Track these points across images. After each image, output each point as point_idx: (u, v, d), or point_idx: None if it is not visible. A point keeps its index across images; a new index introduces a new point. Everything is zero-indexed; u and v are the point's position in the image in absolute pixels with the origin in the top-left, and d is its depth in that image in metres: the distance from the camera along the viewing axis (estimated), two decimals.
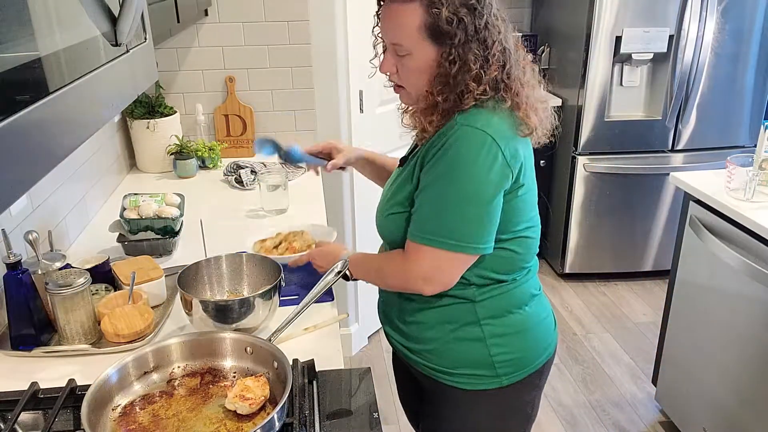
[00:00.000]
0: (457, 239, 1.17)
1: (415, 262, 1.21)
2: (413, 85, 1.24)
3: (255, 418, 1.07)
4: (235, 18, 2.44)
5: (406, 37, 1.17)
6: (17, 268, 1.27)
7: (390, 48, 1.23)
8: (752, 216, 1.89)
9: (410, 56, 1.19)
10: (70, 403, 1.13)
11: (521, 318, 1.29)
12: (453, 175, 1.15)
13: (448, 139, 1.15)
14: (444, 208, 1.16)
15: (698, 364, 2.23)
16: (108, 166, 2.22)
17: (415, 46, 1.18)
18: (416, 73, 1.21)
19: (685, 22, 3.08)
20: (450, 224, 1.16)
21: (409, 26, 1.16)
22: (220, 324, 1.28)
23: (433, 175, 1.17)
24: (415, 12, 1.15)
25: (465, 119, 1.16)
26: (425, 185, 1.19)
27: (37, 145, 0.61)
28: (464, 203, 1.15)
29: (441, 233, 1.17)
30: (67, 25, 0.70)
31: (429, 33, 1.15)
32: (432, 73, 1.20)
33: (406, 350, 1.37)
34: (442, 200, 1.16)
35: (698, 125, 3.32)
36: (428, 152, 1.19)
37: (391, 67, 1.24)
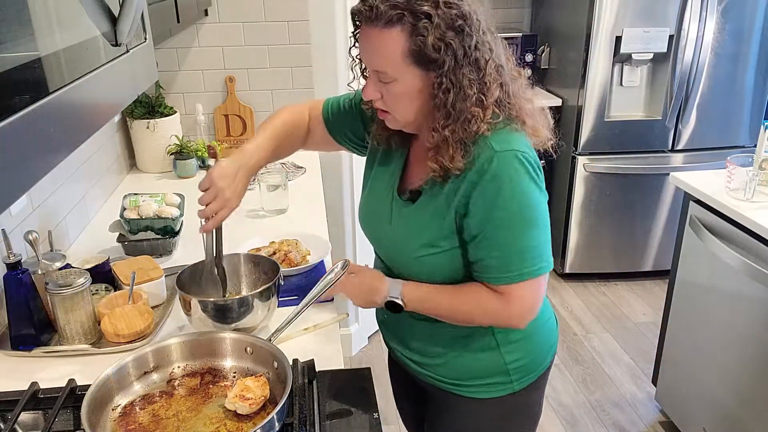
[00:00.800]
0: (542, 261, 1.13)
1: (518, 300, 1.15)
2: (400, 112, 1.15)
3: (255, 418, 1.07)
4: (235, 18, 2.44)
5: (389, 64, 1.08)
6: (17, 268, 1.27)
7: (373, 73, 1.13)
8: (752, 216, 1.89)
9: (396, 83, 1.10)
10: (70, 403, 1.13)
11: (532, 321, 1.27)
12: (513, 209, 1.09)
13: (492, 170, 1.08)
14: (521, 241, 1.11)
15: (698, 364, 2.23)
16: (108, 166, 2.22)
17: (400, 73, 1.08)
18: (403, 99, 1.12)
19: (685, 22, 3.08)
20: (533, 251, 1.12)
21: (392, 53, 1.06)
22: (220, 324, 1.28)
23: (495, 219, 1.10)
24: (398, 37, 1.05)
25: (498, 144, 1.09)
26: (487, 231, 1.11)
27: (37, 145, 0.61)
28: (533, 226, 1.12)
29: (530, 264, 1.12)
30: (67, 25, 0.70)
31: (414, 60, 1.06)
32: (422, 98, 1.11)
33: (413, 363, 1.34)
34: (515, 235, 1.11)
35: (698, 125, 3.32)
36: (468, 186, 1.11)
37: (374, 94, 1.14)
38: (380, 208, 1.28)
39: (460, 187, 1.12)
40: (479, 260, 1.15)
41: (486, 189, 1.09)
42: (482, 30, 1.08)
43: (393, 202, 1.25)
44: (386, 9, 1.03)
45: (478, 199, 1.10)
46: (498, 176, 1.08)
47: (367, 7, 1.06)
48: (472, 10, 1.07)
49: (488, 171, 1.08)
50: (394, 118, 1.16)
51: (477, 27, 1.07)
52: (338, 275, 1.32)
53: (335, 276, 1.30)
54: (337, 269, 1.35)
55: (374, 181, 1.33)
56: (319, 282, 1.32)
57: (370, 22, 1.06)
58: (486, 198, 1.09)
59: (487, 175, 1.08)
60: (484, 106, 1.09)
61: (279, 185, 2.02)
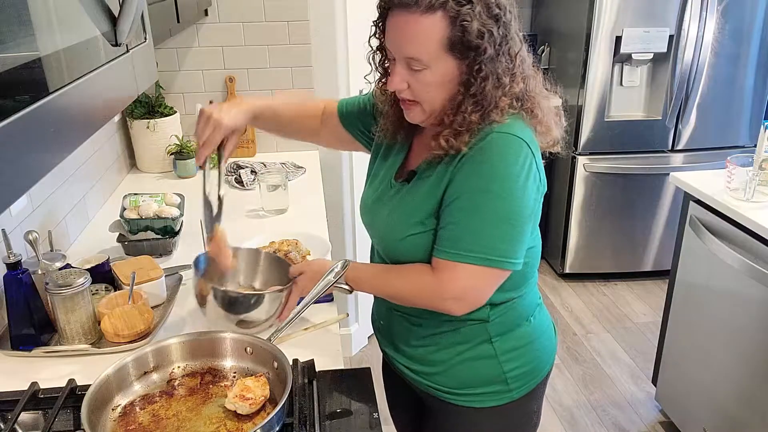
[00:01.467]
0: (496, 255, 1.09)
1: (450, 281, 1.12)
2: (429, 101, 1.12)
3: (255, 418, 1.07)
4: (235, 18, 2.44)
5: (425, 51, 1.05)
6: (17, 268, 1.27)
7: (402, 61, 1.10)
8: (752, 216, 1.89)
9: (427, 70, 1.07)
10: (70, 403, 1.13)
11: (529, 329, 1.27)
12: (491, 190, 1.07)
13: (485, 144, 1.07)
14: (482, 224, 1.08)
15: (698, 363, 2.23)
16: (108, 166, 2.22)
17: (434, 61, 1.06)
18: (434, 87, 1.10)
19: (685, 22, 3.08)
20: (489, 240, 1.09)
21: (431, 39, 1.04)
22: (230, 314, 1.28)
23: (468, 188, 1.09)
24: (438, 24, 1.03)
25: (504, 127, 1.09)
26: (457, 197, 1.10)
27: (37, 145, 0.61)
28: (504, 220, 1.08)
29: (479, 249, 1.09)
30: (67, 25, 0.70)
31: (453, 47, 1.04)
32: (452, 87, 1.09)
33: (409, 371, 1.32)
34: (481, 215, 1.08)
35: (698, 125, 3.32)
36: (459, 160, 1.10)
37: (402, 83, 1.11)
38: (380, 197, 1.28)
39: (452, 162, 1.11)
40: (439, 229, 1.13)
41: (473, 158, 1.08)
42: (513, 20, 1.08)
43: (390, 188, 1.26)
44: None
45: (462, 169, 1.09)
46: (488, 150, 1.07)
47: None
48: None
49: (480, 144, 1.08)
50: (421, 108, 1.14)
51: (509, 18, 1.07)
52: (338, 275, 1.32)
53: (335, 276, 1.29)
54: (337, 269, 1.35)
55: (375, 175, 1.33)
56: (319, 282, 1.32)
57: (408, 8, 1.04)
58: (470, 167, 1.08)
59: (477, 147, 1.08)
60: (510, 95, 1.09)
61: (279, 185, 2.02)
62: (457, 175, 1.10)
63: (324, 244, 1.72)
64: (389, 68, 1.16)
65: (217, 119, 1.25)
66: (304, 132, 1.49)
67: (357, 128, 1.42)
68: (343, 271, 1.28)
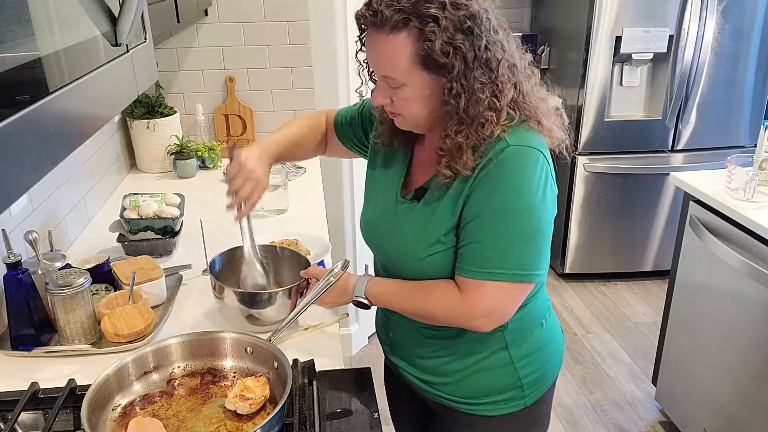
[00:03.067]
0: (523, 270, 1.07)
1: (479, 300, 1.09)
2: (411, 116, 1.11)
3: (255, 418, 1.07)
4: (235, 18, 2.44)
5: (397, 70, 1.04)
6: (17, 268, 1.27)
7: (381, 79, 1.10)
8: (752, 216, 1.89)
9: (405, 87, 1.06)
10: (70, 403, 1.13)
11: (542, 333, 1.25)
12: (513, 208, 1.05)
13: (502, 159, 1.04)
14: (507, 242, 1.06)
15: (698, 364, 2.23)
16: (108, 166, 2.22)
17: (408, 79, 1.05)
18: (414, 103, 1.08)
19: (685, 22, 3.08)
20: (515, 257, 1.07)
21: (400, 58, 1.02)
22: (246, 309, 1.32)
23: (490, 207, 1.06)
24: (405, 43, 1.01)
25: (514, 139, 1.06)
26: (479, 215, 1.07)
27: (37, 145, 0.61)
28: (529, 235, 1.06)
29: (506, 266, 1.07)
30: (67, 25, 0.70)
31: (423, 65, 1.02)
32: (432, 102, 1.07)
33: (419, 382, 1.29)
34: (505, 233, 1.06)
35: (698, 125, 3.32)
36: (477, 177, 1.07)
37: (384, 99, 1.11)
38: (384, 214, 1.24)
39: (469, 179, 1.08)
40: (460, 247, 1.10)
41: (491, 175, 1.05)
42: (493, 29, 1.04)
43: (397, 205, 1.21)
44: (391, 14, 0.99)
45: (482, 185, 1.06)
46: (507, 165, 1.04)
47: (371, 12, 1.02)
48: (482, 8, 1.02)
49: (498, 159, 1.04)
50: (404, 119, 1.13)
51: (487, 26, 1.02)
52: (338, 275, 1.32)
53: (335, 276, 1.29)
54: (337, 269, 1.35)
55: (376, 188, 1.29)
56: (319, 282, 1.32)
57: (376, 28, 1.03)
58: (489, 184, 1.05)
59: (496, 162, 1.04)
60: (498, 108, 1.05)
61: (279, 185, 2.02)
62: (475, 191, 1.07)
63: (324, 244, 1.72)
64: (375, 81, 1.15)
65: (259, 179, 1.23)
66: (313, 152, 1.48)
67: (351, 140, 1.41)
68: (342, 271, 1.28)
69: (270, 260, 1.46)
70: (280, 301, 1.31)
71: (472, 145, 1.06)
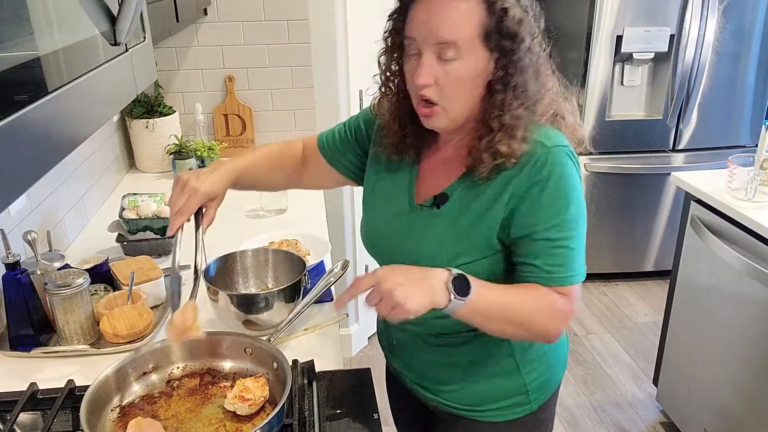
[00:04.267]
0: (584, 265, 1.08)
1: (572, 304, 1.06)
2: (454, 100, 1.03)
3: (254, 419, 1.06)
4: (234, 17, 2.44)
5: (462, 35, 0.97)
6: (16, 268, 1.27)
7: (431, 51, 1.00)
8: (753, 216, 1.89)
9: (459, 62, 0.99)
10: (69, 403, 1.12)
11: None
12: (573, 210, 1.03)
13: (549, 167, 1.02)
14: (577, 244, 1.05)
15: (699, 364, 2.22)
16: (107, 165, 2.22)
17: (469, 49, 0.98)
18: (464, 83, 1.01)
19: (686, 22, 3.08)
20: (582, 257, 1.07)
21: (468, 24, 0.97)
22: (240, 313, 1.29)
23: (557, 214, 1.03)
24: (475, 9, 0.97)
25: (547, 139, 1.04)
26: (553, 225, 1.03)
27: (36, 144, 0.61)
28: (583, 232, 1.07)
29: (581, 268, 1.07)
30: (66, 24, 0.69)
31: (488, 37, 0.98)
32: (479, 85, 1.02)
33: (423, 390, 1.26)
34: (574, 236, 1.05)
35: (699, 125, 3.32)
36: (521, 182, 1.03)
37: (429, 78, 1.00)
38: (395, 222, 1.17)
39: (511, 182, 1.03)
40: (536, 258, 1.04)
41: (547, 185, 1.02)
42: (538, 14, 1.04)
43: (411, 212, 1.15)
44: None
45: (536, 196, 1.02)
46: (563, 173, 1.02)
47: None
48: None
49: (545, 168, 1.02)
50: (443, 111, 1.04)
51: (536, 10, 1.03)
52: (338, 275, 1.32)
53: (335, 276, 1.29)
54: (337, 269, 1.35)
55: (381, 196, 1.23)
56: (319, 282, 1.32)
57: None
58: (546, 195, 1.02)
59: (545, 172, 1.02)
60: (548, 89, 1.05)
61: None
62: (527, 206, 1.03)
63: (324, 244, 1.72)
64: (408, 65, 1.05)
65: (193, 186, 1.12)
66: (286, 179, 1.37)
67: (340, 161, 1.31)
68: (342, 271, 1.27)
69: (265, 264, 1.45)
70: (276, 306, 1.30)
71: (529, 122, 1.03)
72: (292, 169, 1.35)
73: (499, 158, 1.02)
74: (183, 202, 1.12)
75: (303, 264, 1.37)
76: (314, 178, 1.37)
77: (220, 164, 1.20)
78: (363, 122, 1.28)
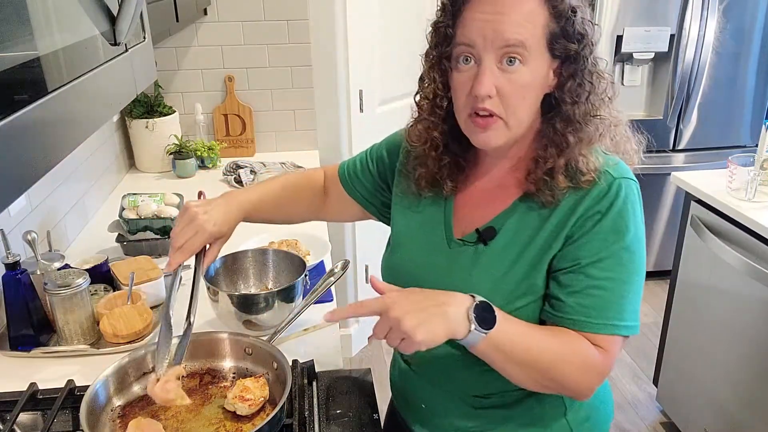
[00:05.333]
0: (635, 320, 0.94)
1: (610, 361, 0.92)
2: (516, 112, 0.92)
3: (254, 419, 1.06)
4: (234, 17, 2.44)
5: (530, 35, 0.88)
6: (16, 268, 1.27)
7: (494, 56, 0.89)
8: (754, 216, 1.88)
9: (524, 68, 0.89)
10: (68, 403, 1.12)
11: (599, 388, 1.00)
12: (631, 248, 0.92)
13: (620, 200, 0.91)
14: (628, 287, 0.93)
15: (699, 364, 2.22)
16: (107, 165, 2.22)
17: (536, 53, 0.89)
18: (527, 93, 0.91)
19: (686, 22, 3.08)
20: (633, 304, 0.93)
21: (535, 23, 0.88)
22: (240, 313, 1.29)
23: (610, 250, 0.91)
24: (540, 9, 0.88)
25: (614, 169, 0.94)
26: (599, 260, 0.91)
27: (36, 144, 0.61)
28: (640, 275, 0.94)
29: (628, 317, 0.93)
30: (66, 24, 0.69)
31: (552, 41, 0.90)
32: (540, 94, 0.93)
33: None
34: (626, 278, 0.92)
35: (699, 125, 3.32)
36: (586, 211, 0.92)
37: (491, 88, 0.89)
38: (430, 261, 1.04)
39: (577, 209, 0.93)
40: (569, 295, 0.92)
41: (605, 217, 0.91)
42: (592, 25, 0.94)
43: (451, 249, 1.02)
44: None
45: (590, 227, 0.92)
46: (624, 208, 0.92)
47: None
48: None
49: (607, 198, 0.92)
50: (504, 125, 0.93)
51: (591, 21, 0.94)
52: (338, 275, 1.32)
53: (335, 276, 1.29)
54: (337, 269, 1.35)
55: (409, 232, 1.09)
56: (319, 282, 1.32)
57: None
58: (601, 227, 0.91)
59: (606, 202, 0.91)
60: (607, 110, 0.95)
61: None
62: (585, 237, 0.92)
63: (324, 245, 1.72)
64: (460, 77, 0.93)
65: (200, 224, 1.03)
66: (306, 211, 1.27)
67: (361, 193, 1.20)
68: (342, 272, 1.27)
69: (265, 264, 1.45)
70: (276, 306, 1.30)
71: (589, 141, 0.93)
72: (310, 201, 1.25)
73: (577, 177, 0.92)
74: (187, 240, 1.03)
75: (303, 264, 1.37)
76: (335, 209, 1.26)
77: (231, 196, 1.12)
78: (386, 152, 1.17)
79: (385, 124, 2.69)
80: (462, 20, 0.92)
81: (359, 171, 1.20)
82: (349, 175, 1.21)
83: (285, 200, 1.22)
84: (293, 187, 1.23)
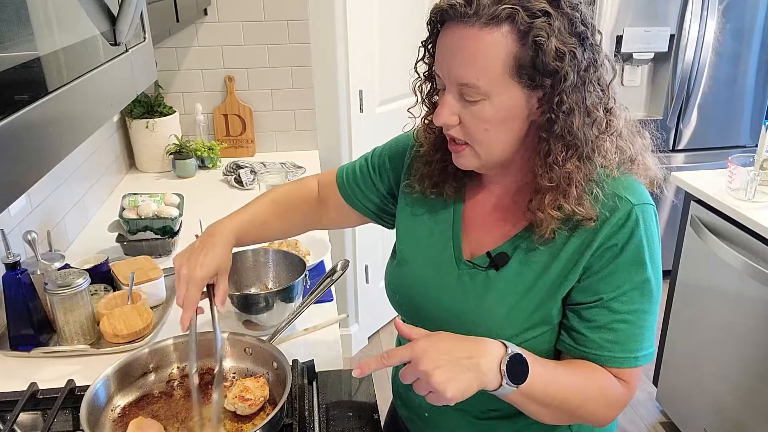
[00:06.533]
0: (652, 347, 0.93)
1: (632, 392, 0.93)
2: (485, 143, 0.89)
3: (254, 419, 1.06)
4: (234, 17, 2.44)
5: (484, 76, 0.83)
6: (16, 268, 1.27)
7: (453, 89, 0.87)
8: (753, 216, 1.89)
9: (485, 102, 0.85)
10: (69, 403, 1.12)
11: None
12: (651, 278, 0.90)
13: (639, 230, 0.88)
14: (649, 317, 0.91)
15: (699, 364, 2.22)
16: (107, 165, 2.22)
17: (495, 89, 0.84)
18: (493, 125, 0.87)
19: (686, 22, 3.08)
20: (651, 332, 0.92)
21: (492, 60, 0.82)
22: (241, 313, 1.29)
23: (632, 282, 0.89)
24: (503, 40, 0.81)
25: (630, 194, 0.89)
26: (622, 294, 0.89)
27: (36, 144, 0.61)
28: (655, 307, 0.92)
29: (648, 346, 0.92)
30: (66, 24, 0.69)
31: (521, 71, 0.83)
32: (516, 125, 0.87)
33: None
34: (647, 309, 0.90)
35: (699, 125, 3.32)
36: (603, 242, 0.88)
37: (451, 117, 0.88)
38: (439, 282, 1.02)
39: (592, 243, 0.89)
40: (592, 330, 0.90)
41: (626, 248, 0.88)
42: (599, 41, 0.88)
43: (461, 270, 0.99)
44: (491, 2, 0.81)
45: (610, 259, 0.89)
46: (642, 238, 0.88)
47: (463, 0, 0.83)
48: (590, 14, 0.86)
49: (626, 227, 0.88)
50: (473, 151, 0.91)
51: (599, 38, 0.87)
52: (338, 275, 1.31)
53: (335, 277, 1.29)
54: (337, 269, 1.35)
55: (416, 242, 1.06)
56: (319, 282, 1.32)
57: (464, 20, 0.82)
58: (622, 259, 0.88)
59: (625, 232, 0.88)
60: (610, 132, 0.89)
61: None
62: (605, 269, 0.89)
63: (324, 245, 1.72)
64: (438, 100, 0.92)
65: (187, 275, 1.01)
66: (301, 223, 1.24)
67: (360, 201, 1.17)
68: (342, 272, 1.27)
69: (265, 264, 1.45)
70: (276, 306, 1.30)
71: (584, 177, 0.87)
72: (305, 212, 1.21)
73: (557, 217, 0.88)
74: (182, 296, 1.02)
75: (303, 264, 1.37)
76: (334, 218, 1.22)
77: (216, 229, 1.08)
78: (389, 158, 1.13)
79: (385, 124, 2.70)
80: (437, 48, 0.90)
81: (359, 179, 1.16)
82: (348, 184, 1.17)
83: (275, 216, 1.18)
84: (285, 201, 1.20)
